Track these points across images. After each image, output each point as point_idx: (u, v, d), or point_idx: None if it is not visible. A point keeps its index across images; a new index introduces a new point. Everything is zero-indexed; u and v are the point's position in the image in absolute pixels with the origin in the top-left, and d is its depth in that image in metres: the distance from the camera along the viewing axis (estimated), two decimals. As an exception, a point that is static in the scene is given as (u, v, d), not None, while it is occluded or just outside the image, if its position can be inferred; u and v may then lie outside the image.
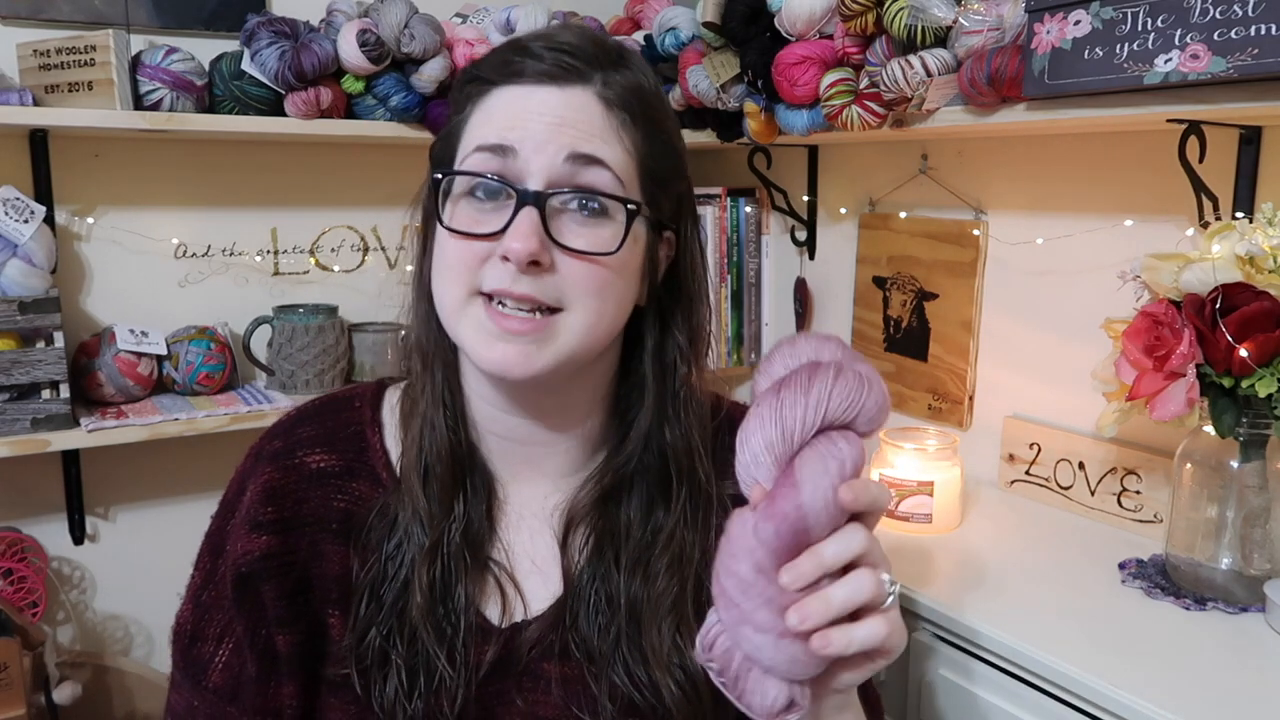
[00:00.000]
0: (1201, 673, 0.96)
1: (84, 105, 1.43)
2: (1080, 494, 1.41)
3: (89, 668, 1.64)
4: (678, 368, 0.80)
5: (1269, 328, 0.99)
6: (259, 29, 1.51)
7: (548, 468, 0.82)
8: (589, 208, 0.72)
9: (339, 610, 0.78)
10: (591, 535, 0.80)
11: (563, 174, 0.71)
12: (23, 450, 1.43)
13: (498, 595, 0.79)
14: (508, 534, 0.81)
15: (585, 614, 0.78)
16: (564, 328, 0.72)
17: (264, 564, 0.77)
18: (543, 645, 0.77)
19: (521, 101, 0.72)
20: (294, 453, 0.81)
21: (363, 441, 0.82)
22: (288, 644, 0.78)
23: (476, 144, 0.73)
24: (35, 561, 1.59)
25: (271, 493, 0.79)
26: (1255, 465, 1.07)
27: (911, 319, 1.69)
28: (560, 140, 0.71)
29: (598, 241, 0.72)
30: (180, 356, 1.62)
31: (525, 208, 0.70)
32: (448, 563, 0.77)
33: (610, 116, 0.73)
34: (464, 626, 0.76)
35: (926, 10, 1.26)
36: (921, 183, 1.66)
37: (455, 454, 0.79)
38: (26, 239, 1.45)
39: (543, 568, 0.80)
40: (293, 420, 0.84)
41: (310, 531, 0.79)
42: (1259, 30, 0.93)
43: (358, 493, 0.80)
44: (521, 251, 0.69)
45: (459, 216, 0.73)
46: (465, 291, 0.72)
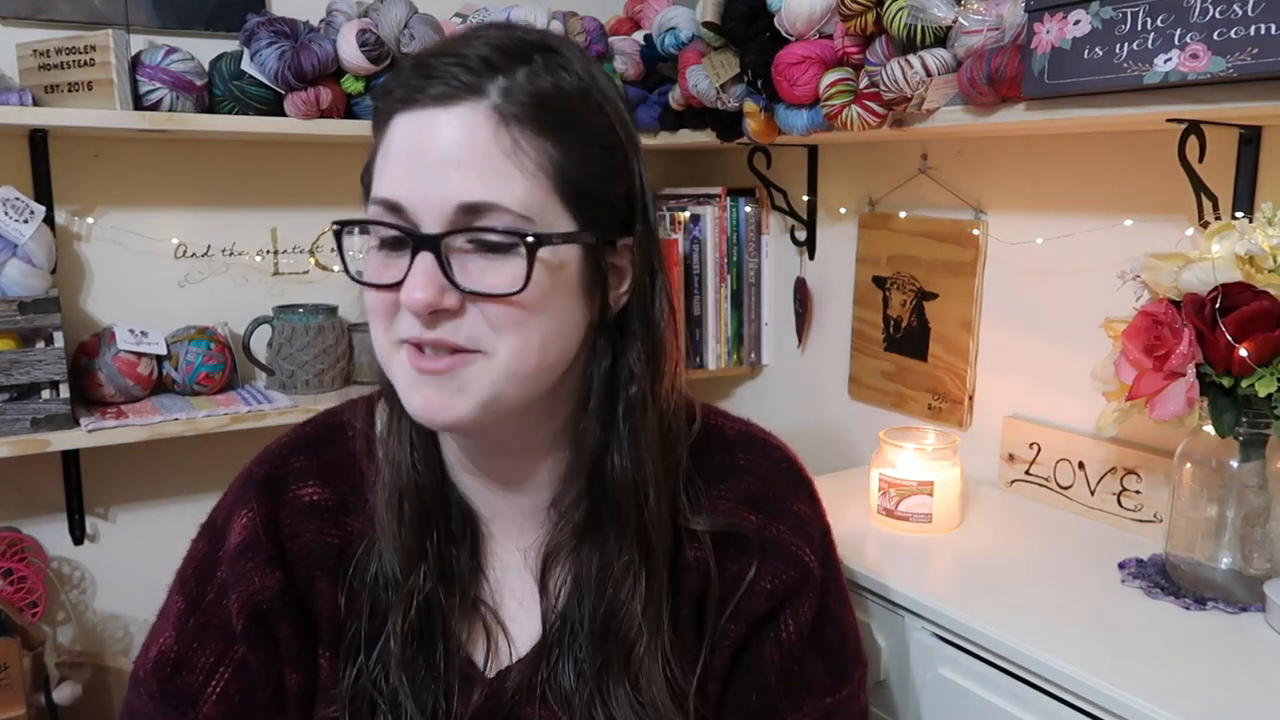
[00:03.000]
0: (1201, 673, 0.96)
1: (84, 105, 1.43)
2: (1080, 494, 1.41)
3: (89, 668, 1.64)
4: (629, 392, 0.74)
5: (1269, 327, 0.99)
6: (259, 29, 1.52)
7: (524, 505, 0.79)
8: (487, 247, 0.66)
9: (329, 652, 0.77)
10: (569, 576, 0.78)
11: (457, 221, 0.66)
12: (23, 450, 1.43)
13: (483, 639, 0.78)
14: (494, 572, 0.80)
15: (562, 659, 0.76)
16: (485, 369, 0.68)
17: (280, 601, 0.76)
18: (525, 689, 0.76)
19: (410, 136, 0.67)
20: (287, 484, 0.79)
21: (358, 474, 0.79)
22: (297, 683, 0.77)
23: (375, 195, 0.69)
24: (35, 561, 1.59)
25: (272, 526, 0.77)
26: (1255, 465, 1.07)
27: (911, 319, 1.69)
28: (448, 190, 0.65)
29: (502, 281, 0.66)
30: (180, 356, 1.62)
31: (420, 254, 0.66)
32: (425, 609, 0.75)
33: (503, 137, 0.66)
34: (448, 674, 0.75)
35: (926, 10, 1.26)
36: (921, 183, 1.66)
37: (422, 494, 0.76)
38: (26, 239, 1.45)
39: (526, 605, 0.79)
40: (285, 448, 0.82)
41: (306, 567, 0.77)
42: (1259, 30, 0.93)
43: (351, 528, 0.78)
44: (419, 302, 0.65)
45: (369, 265, 0.70)
46: (388, 338, 0.70)
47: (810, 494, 0.85)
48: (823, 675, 0.81)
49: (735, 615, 0.79)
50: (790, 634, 0.79)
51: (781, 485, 0.83)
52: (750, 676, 0.79)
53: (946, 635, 1.11)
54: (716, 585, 0.79)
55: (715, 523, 0.79)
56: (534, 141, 0.67)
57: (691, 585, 0.79)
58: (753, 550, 0.79)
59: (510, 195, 0.66)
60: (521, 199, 0.66)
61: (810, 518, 0.83)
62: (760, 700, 0.79)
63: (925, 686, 1.15)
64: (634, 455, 0.74)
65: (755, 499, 0.81)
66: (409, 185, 0.67)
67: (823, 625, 0.81)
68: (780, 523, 0.81)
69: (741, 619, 0.79)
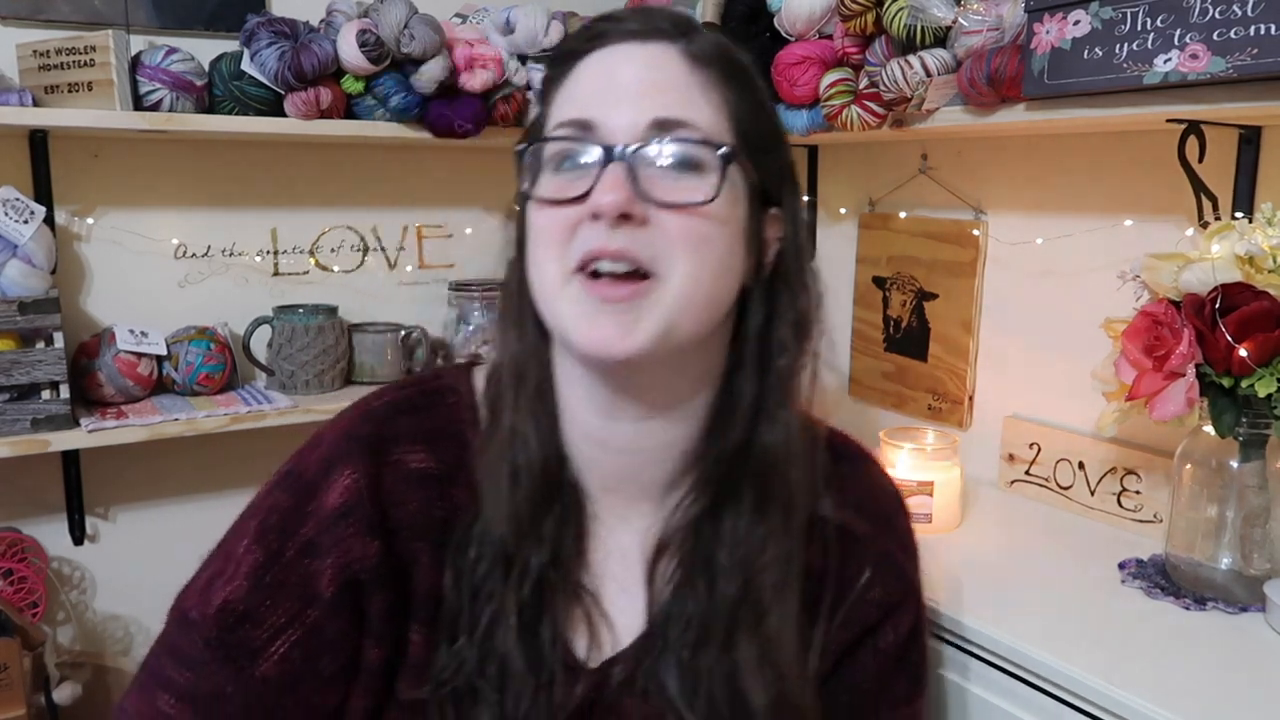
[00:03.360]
0: (1201, 673, 0.96)
1: (84, 105, 1.43)
2: (1080, 494, 1.41)
3: (89, 668, 1.64)
4: (780, 358, 0.75)
5: (1269, 327, 0.99)
6: (259, 29, 1.52)
7: (644, 480, 0.77)
8: (678, 161, 0.68)
9: (424, 628, 0.74)
10: (679, 562, 0.75)
11: (649, 136, 0.68)
12: (23, 450, 1.43)
13: (585, 628, 0.75)
14: (596, 556, 0.77)
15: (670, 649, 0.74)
16: (662, 294, 0.67)
17: (379, 572, 0.73)
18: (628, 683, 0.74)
19: (602, 67, 0.70)
20: (392, 448, 0.75)
21: (463, 444, 0.77)
22: (378, 658, 0.74)
23: (558, 120, 0.70)
24: (35, 562, 1.59)
25: (376, 492, 0.74)
26: (1255, 465, 1.07)
27: (911, 319, 1.69)
28: (643, 106, 0.68)
29: (692, 192, 0.67)
30: (180, 357, 1.62)
31: (612, 163, 0.67)
32: (536, 590, 0.73)
33: (696, 72, 0.70)
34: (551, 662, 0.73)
35: (926, 10, 1.26)
36: (921, 183, 1.66)
37: (547, 471, 0.74)
38: (26, 239, 1.45)
39: (630, 591, 0.77)
40: (387, 409, 0.78)
41: (408, 537, 0.74)
42: (1258, 30, 0.93)
43: (457, 501, 0.75)
44: (611, 204, 0.65)
45: (544, 186, 0.70)
46: (561, 269, 0.68)
47: (909, 516, 0.86)
48: (905, 687, 0.83)
49: (846, 623, 0.79)
50: (888, 645, 0.80)
51: (892, 505, 0.85)
52: (844, 680, 0.80)
53: (946, 636, 1.11)
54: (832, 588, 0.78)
55: (843, 515, 0.78)
56: (719, 84, 0.70)
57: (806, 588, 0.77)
58: (865, 558, 0.80)
59: (700, 118, 0.69)
60: (710, 125, 0.69)
61: (912, 540, 0.85)
62: (850, 703, 0.80)
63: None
64: (784, 423, 0.75)
65: (869, 512, 0.82)
66: (601, 105, 0.69)
67: (913, 642, 0.83)
68: (890, 539, 0.82)
69: (851, 626, 0.79)
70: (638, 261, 0.67)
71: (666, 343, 0.68)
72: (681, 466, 0.77)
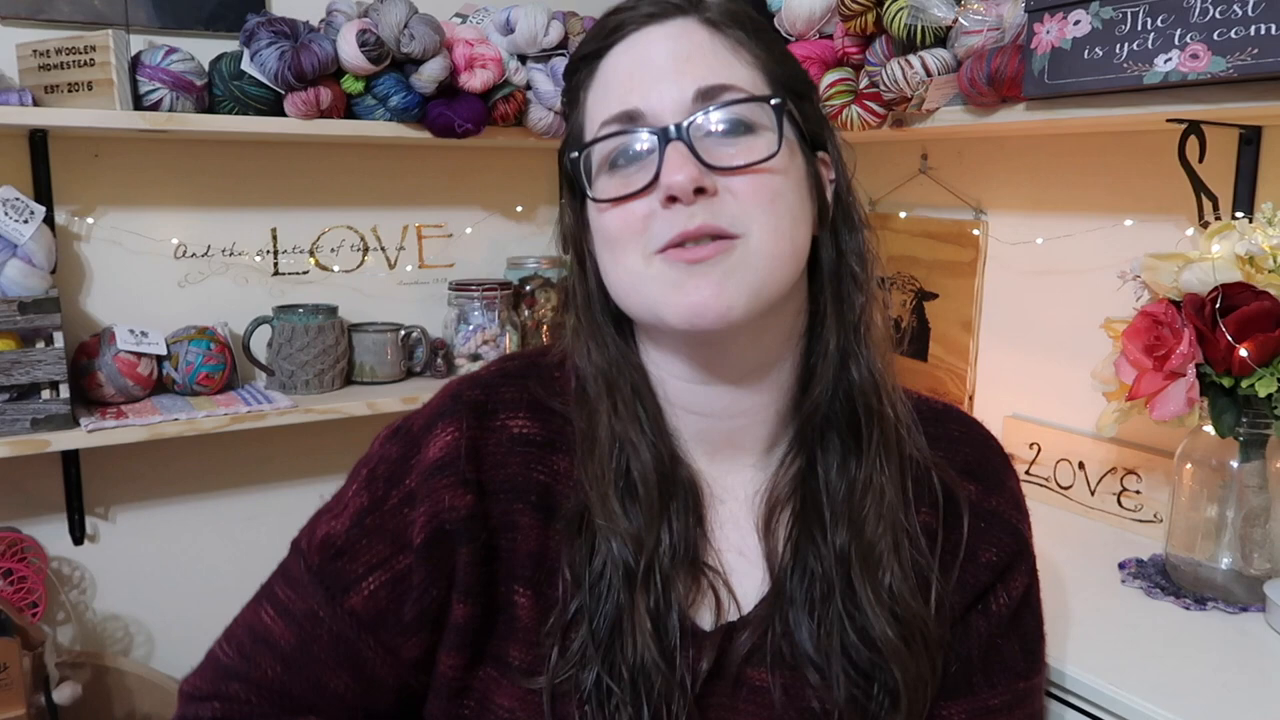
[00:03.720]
0: (1201, 673, 0.96)
1: (84, 105, 1.43)
2: (1080, 494, 1.41)
3: (89, 668, 1.64)
4: (855, 296, 0.77)
5: (1269, 327, 0.99)
6: (259, 29, 1.52)
7: (747, 443, 0.78)
8: (733, 125, 0.69)
9: (530, 589, 0.74)
10: (794, 519, 0.76)
11: (696, 109, 0.68)
12: (23, 450, 1.43)
13: (711, 599, 0.75)
14: (714, 532, 0.77)
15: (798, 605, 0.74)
16: (748, 253, 0.68)
17: (468, 525, 0.74)
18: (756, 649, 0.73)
19: (631, 56, 0.71)
20: (497, 412, 0.77)
21: (562, 416, 0.78)
22: (466, 615, 0.74)
23: (600, 120, 0.71)
24: (35, 561, 1.60)
25: (475, 451, 0.75)
26: (1255, 465, 1.07)
27: (911, 319, 1.69)
28: (682, 81, 0.68)
29: (753, 151, 0.68)
30: (180, 357, 1.62)
31: (670, 143, 0.67)
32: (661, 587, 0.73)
33: (722, 38, 0.71)
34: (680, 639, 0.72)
35: (926, 10, 1.26)
36: (921, 183, 1.66)
37: (661, 470, 0.74)
38: (26, 239, 1.45)
39: (750, 557, 0.77)
40: (495, 377, 0.80)
41: (506, 499, 0.75)
42: (1258, 30, 0.93)
43: (558, 467, 0.76)
44: (684, 181, 0.66)
45: (605, 188, 0.71)
46: (641, 256, 0.69)
47: (1016, 475, 0.84)
48: (1019, 658, 0.80)
49: (960, 587, 0.77)
50: (1000, 606, 0.78)
51: (996, 460, 0.83)
52: (955, 649, 0.78)
53: (946, 635, 1.11)
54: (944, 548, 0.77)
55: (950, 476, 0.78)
56: (745, 43, 0.71)
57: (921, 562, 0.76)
58: (976, 519, 0.78)
59: (742, 77, 0.70)
60: (749, 82, 0.70)
61: (1020, 496, 0.83)
62: (959, 671, 0.78)
63: (925, 686, 1.15)
64: (867, 361, 0.76)
65: (973, 470, 0.80)
66: (642, 91, 0.69)
67: (1025, 608, 0.81)
68: (997, 495, 0.80)
69: (965, 591, 0.77)
70: (719, 231, 0.67)
71: (758, 301, 0.69)
72: (780, 424, 0.78)
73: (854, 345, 0.76)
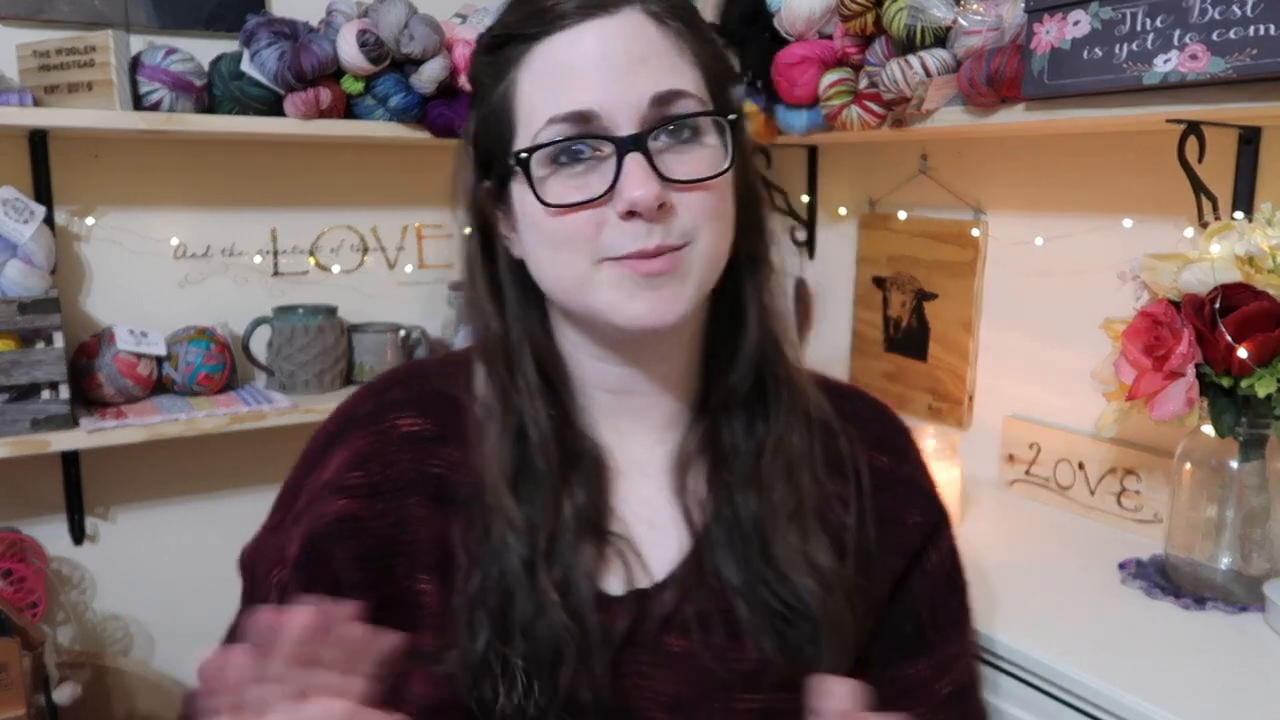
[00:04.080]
0: (1201, 673, 0.96)
1: (84, 106, 1.43)
2: (1080, 494, 1.41)
3: (89, 668, 1.64)
4: (762, 272, 0.78)
5: (1268, 328, 1.00)
6: (258, 29, 1.52)
7: (655, 416, 0.79)
8: (687, 135, 0.69)
9: (434, 575, 0.75)
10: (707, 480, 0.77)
11: (651, 116, 0.67)
12: (23, 451, 1.43)
13: (620, 567, 0.75)
14: (621, 504, 0.78)
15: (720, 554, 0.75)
16: (694, 259, 0.70)
17: (338, 526, 0.75)
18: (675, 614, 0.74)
19: (578, 50, 0.68)
20: (385, 415, 0.78)
21: (457, 406, 0.78)
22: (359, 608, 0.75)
23: (548, 116, 0.68)
24: (35, 562, 1.59)
25: (360, 458, 0.77)
26: (1255, 465, 1.07)
27: (911, 319, 1.69)
28: (639, 86, 0.67)
29: (707, 165, 0.69)
30: (180, 357, 1.62)
31: (629, 154, 0.66)
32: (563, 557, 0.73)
33: (668, 33, 0.69)
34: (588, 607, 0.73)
35: (926, 10, 1.26)
36: (921, 183, 1.66)
37: (560, 441, 0.75)
38: (26, 239, 1.45)
39: (661, 526, 0.77)
40: (385, 384, 0.82)
41: (400, 496, 0.76)
42: (1258, 30, 0.93)
43: (451, 458, 0.77)
44: (648, 198, 0.66)
45: (554, 190, 0.69)
46: (589, 260, 0.69)
47: (920, 449, 0.88)
48: (959, 611, 0.84)
49: (893, 548, 0.80)
50: (934, 565, 0.81)
51: (903, 437, 0.86)
52: (902, 608, 0.81)
53: (946, 635, 1.11)
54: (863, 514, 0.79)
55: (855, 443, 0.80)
56: (685, 37, 0.70)
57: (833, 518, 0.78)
58: (895, 487, 0.81)
59: (690, 82, 0.70)
60: (698, 85, 0.70)
61: (927, 466, 0.86)
62: (914, 630, 0.81)
63: (925, 687, 1.15)
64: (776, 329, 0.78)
65: (881, 443, 0.83)
66: (597, 91, 0.67)
67: (954, 567, 0.84)
68: (908, 465, 0.84)
69: (901, 553, 0.80)
70: (674, 246, 0.68)
71: (699, 300, 0.72)
72: (686, 396, 0.79)
73: (759, 317, 0.78)
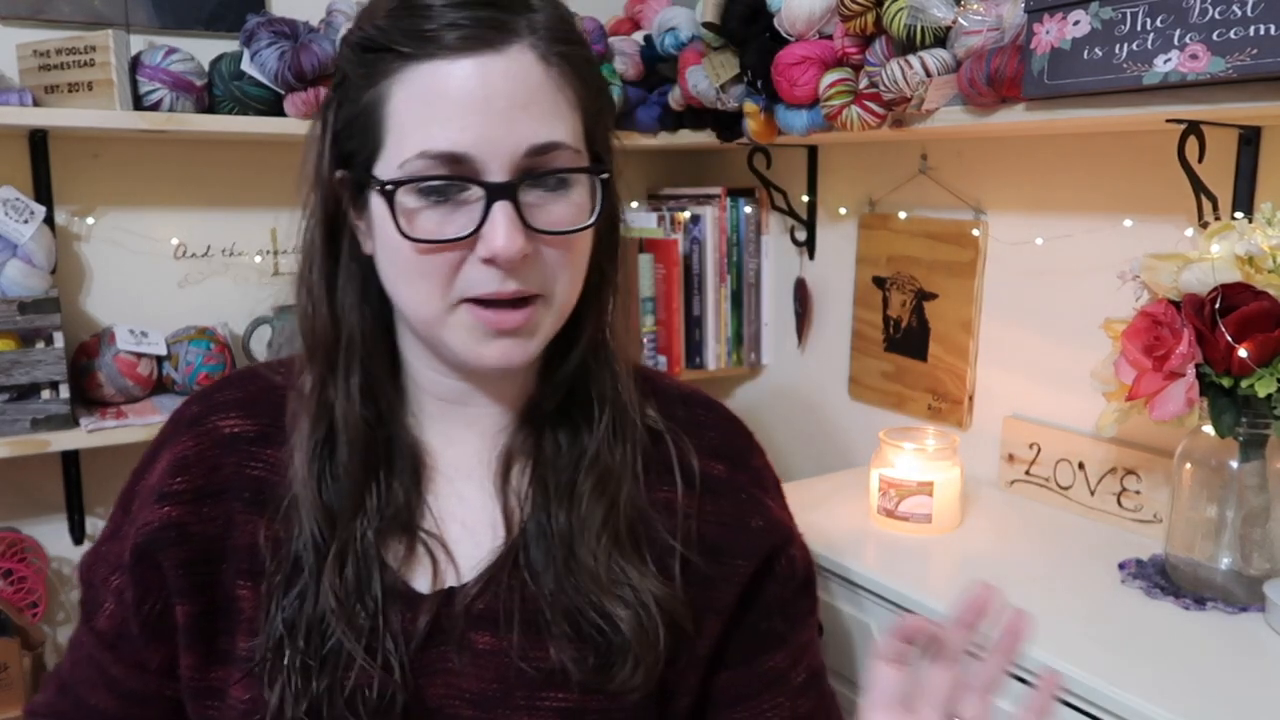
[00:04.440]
0: (1201, 673, 0.96)
1: (84, 105, 1.43)
2: (1080, 494, 1.41)
3: (89, 668, 1.63)
4: (607, 297, 0.78)
5: (1268, 328, 1.00)
6: (259, 29, 1.52)
7: (484, 426, 0.79)
8: (555, 185, 0.68)
9: (250, 582, 0.75)
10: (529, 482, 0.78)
11: (525, 165, 0.67)
12: (23, 450, 1.43)
13: (428, 563, 0.76)
14: (437, 502, 0.78)
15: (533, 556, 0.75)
16: (548, 312, 0.71)
17: (163, 534, 0.75)
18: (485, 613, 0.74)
19: (456, 83, 0.65)
20: (208, 418, 0.79)
21: (282, 406, 0.78)
22: (186, 614, 0.76)
23: (420, 149, 0.65)
24: (35, 562, 1.59)
25: (183, 463, 0.77)
26: (1255, 465, 1.07)
27: (911, 319, 1.69)
28: (516, 134, 0.65)
29: (572, 217, 0.69)
30: (180, 357, 1.62)
31: (498, 202, 0.65)
32: (364, 552, 0.74)
33: (550, 75, 0.67)
34: (390, 602, 0.73)
35: (926, 10, 1.26)
36: (921, 183, 1.66)
37: (373, 440, 0.75)
38: (26, 239, 1.45)
39: (474, 527, 0.77)
40: (218, 386, 0.82)
41: (224, 500, 0.76)
42: (1258, 30, 0.93)
43: (274, 460, 0.77)
44: (509, 250, 0.65)
45: (418, 223, 0.67)
46: (446, 301, 0.69)
47: (763, 453, 0.87)
48: (805, 604, 0.85)
49: (742, 553, 0.80)
50: (784, 569, 0.82)
51: (742, 442, 0.85)
52: (761, 606, 0.81)
53: (946, 635, 1.11)
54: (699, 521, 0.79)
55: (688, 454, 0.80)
56: (569, 78, 0.69)
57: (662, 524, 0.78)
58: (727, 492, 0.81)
59: (567, 132, 0.68)
60: (574, 135, 0.69)
61: (765, 474, 0.86)
62: (768, 625, 0.82)
63: (925, 686, 1.15)
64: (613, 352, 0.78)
65: (719, 451, 0.82)
66: (474, 134, 0.65)
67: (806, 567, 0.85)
68: (744, 472, 0.83)
69: (749, 556, 0.80)
70: (530, 294, 0.69)
71: (548, 341, 0.73)
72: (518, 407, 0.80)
73: (599, 339, 0.78)
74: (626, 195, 0.81)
